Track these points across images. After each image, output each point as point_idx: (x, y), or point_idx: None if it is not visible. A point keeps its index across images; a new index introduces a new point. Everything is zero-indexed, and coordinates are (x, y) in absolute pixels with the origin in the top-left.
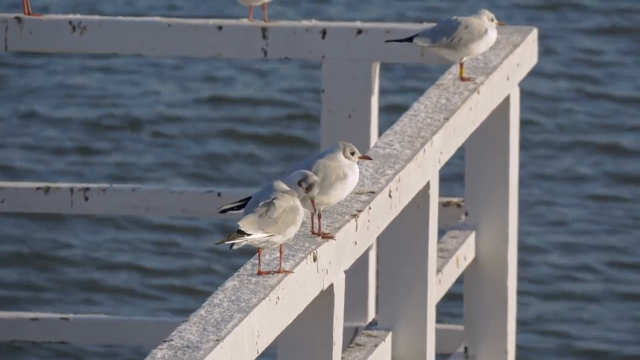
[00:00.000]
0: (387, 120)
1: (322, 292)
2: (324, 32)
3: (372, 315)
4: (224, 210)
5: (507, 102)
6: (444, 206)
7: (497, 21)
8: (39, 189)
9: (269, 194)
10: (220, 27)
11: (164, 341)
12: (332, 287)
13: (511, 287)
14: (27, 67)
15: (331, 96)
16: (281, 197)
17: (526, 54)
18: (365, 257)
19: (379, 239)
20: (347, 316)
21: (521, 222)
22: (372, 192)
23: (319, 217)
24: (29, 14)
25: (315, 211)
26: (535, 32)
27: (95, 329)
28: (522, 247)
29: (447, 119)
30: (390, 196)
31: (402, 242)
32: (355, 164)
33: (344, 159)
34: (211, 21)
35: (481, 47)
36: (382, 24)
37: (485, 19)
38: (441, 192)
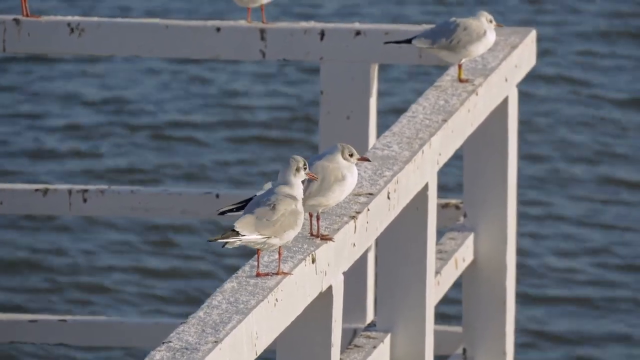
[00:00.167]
0: (385, 121)
1: (321, 294)
2: (323, 34)
3: (370, 316)
4: (223, 212)
5: (505, 103)
6: (442, 208)
7: (496, 23)
8: (37, 190)
9: (271, 196)
10: (218, 29)
11: (163, 343)
12: (330, 288)
13: (510, 289)
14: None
15: (330, 97)
16: (282, 200)
17: (524, 55)
18: (363, 258)
19: (378, 240)
20: (345, 318)
21: (519, 223)
22: (370, 194)
23: (318, 218)
24: (27, 15)
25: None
26: (533, 34)
27: (93, 330)
28: (520, 248)
29: (445, 121)
30: (388, 198)
31: (400, 243)
32: (353, 165)
33: (342, 160)
34: (209, 23)
35: (480, 48)
36: (381, 26)
37: (483, 20)
38: (439, 194)
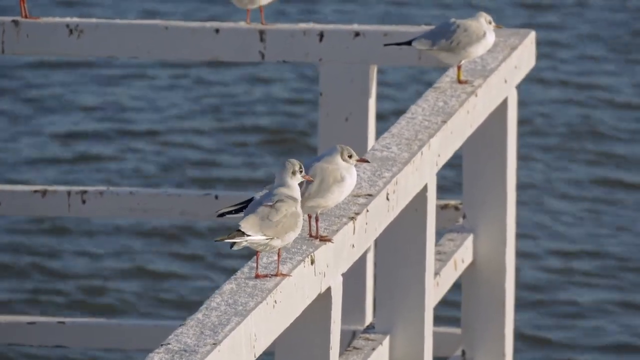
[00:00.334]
0: (384, 123)
1: (320, 295)
2: (322, 35)
3: (369, 318)
4: (222, 214)
5: (504, 104)
6: (441, 209)
7: (495, 24)
8: (36, 192)
9: (273, 197)
10: (217, 30)
11: (161, 345)
12: (329, 290)
13: (509, 290)
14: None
15: (329, 99)
16: (284, 201)
17: (524, 56)
18: (362, 260)
19: (377, 241)
20: (344, 319)
21: (518, 225)
22: (369, 195)
23: (317, 220)
24: (26, 17)
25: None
26: (533, 35)
27: (92, 332)
28: (519, 250)
29: (444, 122)
30: (387, 199)
31: (399, 245)
32: (352, 166)
33: (341, 161)
34: (208, 24)
35: (479, 50)
36: (380, 27)
37: (483, 21)
38: (439, 195)
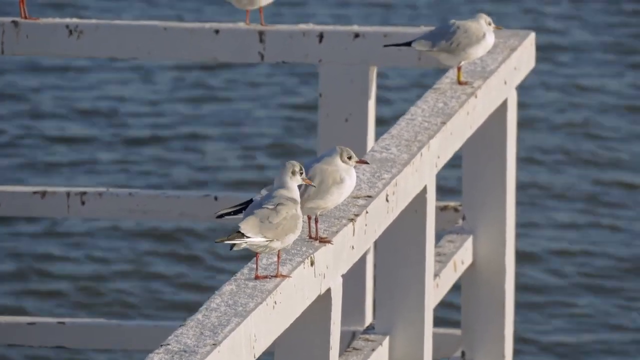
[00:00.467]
0: (384, 124)
1: (320, 297)
2: (321, 36)
3: (369, 319)
4: (221, 215)
5: (504, 106)
6: (441, 210)
7: (495, 25)
8: (35, 193)
9: (273, 199)
10: (217, 31)
11: (161, 345)
12: (329, 291)
13: (509, 292)
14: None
15: (328, 100)
16: (285, 203)
17: (523, 57)
18: (362, 261)
19: (376, 243)
20: (344, 320)
21: (518, 226)
22: (369, 196)
23: (316, 221)
24: (26, 17)
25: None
26: (532, 36)
27: (92, 333)
28: (519, 252)
29: (444, 123)
30: (387, 200)
31: (399, 246)
32: (352, 168)
33: (341, 163)
34: (208, 25)
35: (479, 51)
36: (380, 28)
37: (482, 22)
38: (438, 196)
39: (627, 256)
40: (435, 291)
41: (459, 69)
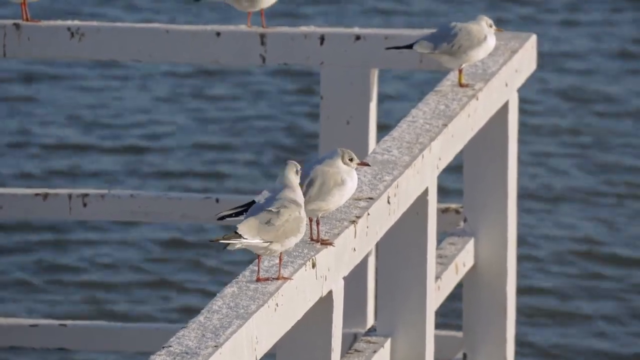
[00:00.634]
0: (385, 126)
1: (321, 299)
2: (323, 38)
3: (371, 321)
4: (222, 216)
5: (505, 108)
6: (442, 212)
7: (496, 27)
8: (37, 195)
9: (276, 201)
10: (218, 34)
11: (163, 347)
12: (331, 293)
13: (510, 294)
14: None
15: (329, 102)
16: (288, 206)
17: (525, 60)
18: (364, 263)
19: (378, 245)
20: (346, 322)
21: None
22: (370, 198)
23: (318, 223)
24: (27, 20)
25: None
26: (534, 38)
27: (93, 335)
28: (521, 254)
29: (445, 125)
30: (388, 202)
31: (401, 248)
32: (353, 170)
33: (342, 165)
34: (209, 27)
35: (480, 53)
36: (381, 30)
37: (484, 25)
38: (439, 198)
39: (632, 260)
40: (436, 293)
41: (460, 71)
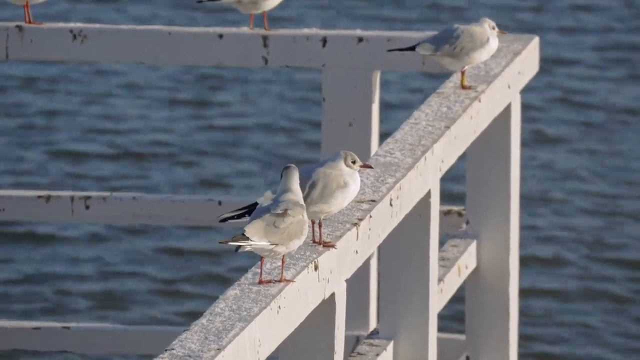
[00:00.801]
0: (388, 128)
1: (324, 301)
2: (325, 40)
3: (373, 324)
4: (224, 219)
5: (508, 110)
6: (444, 215)
7: (498, 29)
8: (39, 197)
9: (280, 204)
10: (221, 36)
11: (165, 350)
12: (333, 296)
13: (513, 296)
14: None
15: (332, 104)
16: (292, 208)
17: (527, 62)
18: (366, 265)
19: (380, 247)
20: (348, 325)
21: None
22: (373, 201)
23: (320, 225)
24: (30, 22)
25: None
26: (536, 41)
27: (96, 338)
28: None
29: (448, 127)
30: (391, 205)
31: (403, 250)
32: (356, 172)
33: (345, 167)
34: (212, 29)
35: (483, 55)
36: (383, 32)
37: (486, 27)
38: (442, 201)
39: (637, 262)
40: (439, 296)
41: (463, 73)
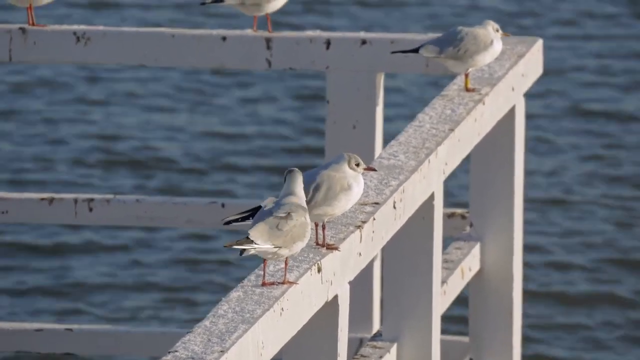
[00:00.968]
0: (391, 130)
1: (327, 303)
2: (328, 43)
3: (376, 326)
4: (228, 221)
5: (512, 112)
6: (448, 217)
7: (502, 32)
8: (43, 199)
9: (283, 207)
10: (224, 38)
11: (169, 352)
12: (336, 298)
13: (516, 299)
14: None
15: (335, 107)
16: (295, 211)
17: (531, 64)
18: (369, 268)
19: (384, 250)
20: (351, 327)
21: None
22: (376, 203)
23: (323, 228)
24: (33, 24)
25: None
26: (540, 43)
27: (99, 339)
28: (526, 258)
29: (452, 130)
30: (394, 207)
31: (406, 253)
32: (359, 175)
33: (348, 170)
34: (215, 32)
35: (487, 58)
36: (387, 35)
37: (490, 29)
38: (445, 203)
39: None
40: (442, 298)
41: (467, 75)
